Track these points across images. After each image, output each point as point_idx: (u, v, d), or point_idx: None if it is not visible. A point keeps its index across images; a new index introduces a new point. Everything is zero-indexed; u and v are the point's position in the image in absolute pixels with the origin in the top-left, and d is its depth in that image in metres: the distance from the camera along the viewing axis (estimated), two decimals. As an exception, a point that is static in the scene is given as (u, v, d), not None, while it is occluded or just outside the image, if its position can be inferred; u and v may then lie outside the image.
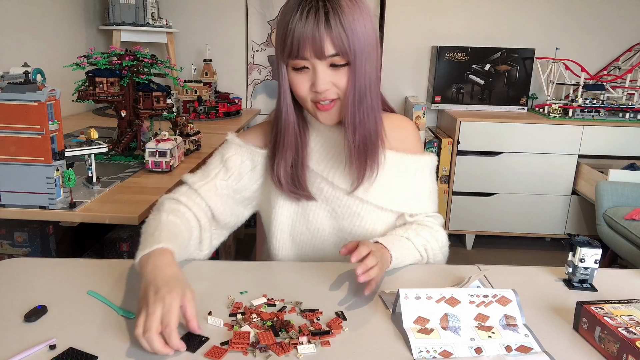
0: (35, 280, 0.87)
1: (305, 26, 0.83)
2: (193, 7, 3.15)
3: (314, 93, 0.89)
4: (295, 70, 0.89)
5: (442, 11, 3.15)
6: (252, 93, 3.28)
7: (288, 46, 0.86)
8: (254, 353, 0.68)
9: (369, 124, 0.93)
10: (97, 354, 0.67)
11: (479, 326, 0.74)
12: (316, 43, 0.84)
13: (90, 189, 1.32)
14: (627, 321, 0.71)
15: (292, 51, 0.86)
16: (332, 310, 0.80)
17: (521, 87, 3.06)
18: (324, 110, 0.91)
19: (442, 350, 0.70)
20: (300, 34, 0.84)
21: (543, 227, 2.95)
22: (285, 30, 0.85)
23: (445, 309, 0.75)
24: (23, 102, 1.09)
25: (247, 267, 0.97)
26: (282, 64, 0.90)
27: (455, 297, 0.77)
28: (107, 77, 1.57)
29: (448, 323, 0.74)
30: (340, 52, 0.85)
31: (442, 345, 0.71)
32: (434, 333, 0.72)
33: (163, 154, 1.50)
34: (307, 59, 0.86)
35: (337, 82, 0.89)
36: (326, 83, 0.88)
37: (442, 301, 0.76)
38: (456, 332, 0.73)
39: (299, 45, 0.84)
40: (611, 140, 2.81)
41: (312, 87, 0.88)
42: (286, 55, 0.88)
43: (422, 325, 0.74)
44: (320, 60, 0.86)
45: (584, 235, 0.92)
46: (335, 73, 0.88)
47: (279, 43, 0.88)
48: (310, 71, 0.88)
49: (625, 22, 3.12)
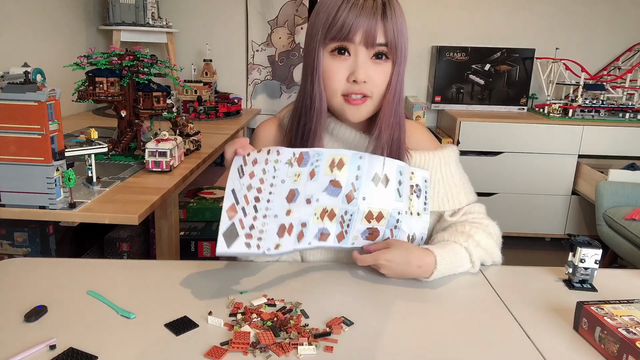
0: (35, 280, 0.87)
1: (362, 11, 0.83)
2: (193, 7, 3.15)
3: (349, 84, 0.87)
4: (333, 56, 0.87)
5: (442, 11, 3.15)
6: (252, 93, 3.28)
7: (337, 27, 0.84)
8: (254, 353, 0.68)
9: (401, 126, 0.92)
10: (97, 354, 0.67)
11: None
12: (370, 29, 0.83)
13: (90, 189, 1.32)
14: (627, 321, 0.71)
15: (342, 33, 0.84)
16: (333, 310, 0.80)
17: (521, 87, 3.06)
18: (355, 104, 0.89)
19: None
20: (355, 17, 0.83)
21: (543, 227, 2.95)
22: (336, 11, 0.84)
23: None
24: (23, 102, 1.09)
25: (247, 267, 0.97)
26: (319, 49, 0.87)
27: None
28: (107, 77, 1.57)
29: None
30: (389, 44, 0.86)
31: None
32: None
33: (163, 154, 1.50)
34: (354, 44, 0.85)
35: (375, 77, 0.87)
36: (366, 74, 0.86)
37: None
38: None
39: (351, 27, 0.83)
40: (611, 140, 2.81)
41: (351, 76, 0.87)
42: (331, 37, 0.85)
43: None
44: (367, 48, 0.86)
45: (584, 235, 0.92)
46: (375, 67, 0.87)
47: (322, 22, 0.86)
48: (351, 59, 0.87)
49: (625, 22, 3.12)
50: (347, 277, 0.93)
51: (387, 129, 0.90)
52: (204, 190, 2.44)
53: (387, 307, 0.82)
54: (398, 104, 0.90)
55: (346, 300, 0.84)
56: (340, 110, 0.91)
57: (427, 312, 0.81)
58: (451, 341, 0.73)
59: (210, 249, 2.11)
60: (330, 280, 0.91)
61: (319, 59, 0.87)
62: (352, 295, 0.86)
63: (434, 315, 0.80)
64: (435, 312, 0.81)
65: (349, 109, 0.89)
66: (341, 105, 0.90)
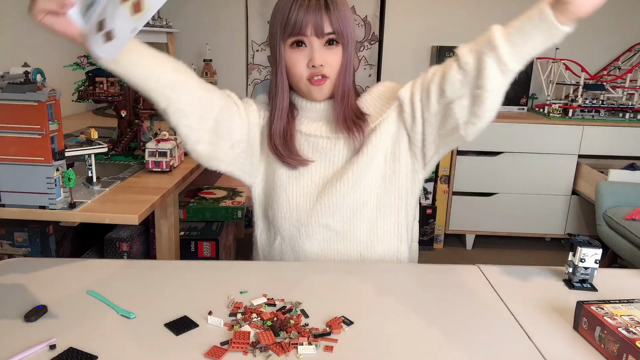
0: (35, 280, 0.87)
1: (308, 9, 0.98)
2: (193, 7, 3.15)
3: (310, 69, 1.02)
4: (293, 49, 1.01)
5: (442, 11, 3.15)
6: (252, 93, 3.28)
7: (291, 25, 0.99)
8: (254, 353, 0.68)
9: (350, 94, 1.06)
10: (97, 354, 0.67)
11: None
12: (317, 22, 0.98)
13: (90, 189, 1.32)
14: (627, 321, 0.71)
15: (295, 29, 0.99)
16: (333, 310, 0.80)
17: (521, 87, 3.06)
18: (317, 84, 1.03)
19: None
20: (304, 14, 0.98)
21: (543, 227, 2.95)
22: (288, 12, 0.99)
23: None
24: (23, 102, 1.09)
25: (247, 267, 0.97)
26: (280, 44, 1.02)
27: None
28: (107, 77, 1.57)
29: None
30: (336, 32, 1.00)
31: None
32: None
33: (163, 154, 1.50)
34: (307, 36, 0.99)
35: (329, 59, 1.02)
36: (321, 59, 1.00)
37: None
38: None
39: (302, 23, 0.98)
40: (611, 140, 2.81)
41: (310, 62, 1.01)
42: (287, 34, 1.00)
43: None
44: (318, 38, 1.00)
45: (584, 235, 0.92)
46: (328, 52, 1.01)
47: (279, 23, 1.01)
48: (307, 49, 1.01)
49: (625, 22, 3.12)
50: (347, 277, 0.93)
51: (339, 100, 1.05)
52: (204, 190, 2.44)
53: (387, 307, 0.82)
54: (348, 78, 1.06)
55: (346, 300, 0.84)
56: (307, 92, 1.05)
57: (427, 312, 0.81)
58: (451, 341, 0.73)
59: (210, 249, 2.11)
60: (330, 280, 0.91)
61: (281, 53, 1.03)
62: (352, 295, 0.86)
63: (434, 315, 0.80)
64: (435, 312, 0.81)
65: (314, 89, 1.04)
66: (307, 88, 1.04)
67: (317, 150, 1.07)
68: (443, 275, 0.95)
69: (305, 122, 1.09)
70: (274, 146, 1.06)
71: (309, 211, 1.06)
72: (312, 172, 1.08)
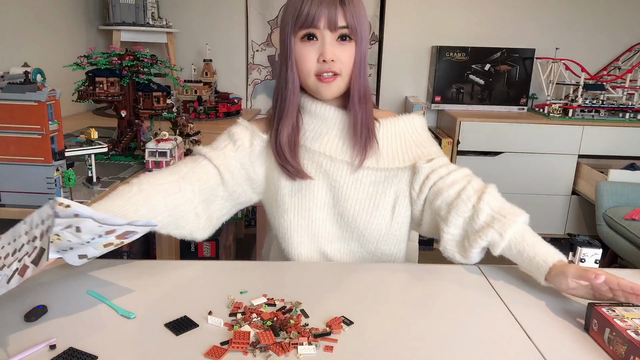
0: (35, 280, 0.87)
1: (322, 1, 0.95)
2: (193, 7, 3.15)
3: (320, 64, 0.98)
4: (303, 42, 0.98)
5: (442, 11, 3.15)
6: (252, 93, 3.28)
7: (303, 16, 0.95)
8: (254, 353, 0.68)
9: (367, 98, 1.03)
10: (97, 354, 0.67)
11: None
12: (331, 15, 0.95)
13: (90, 189, 1.32)
14: (637, 324, 0.70)
15: (307, 21, 0.95)
16: (333, 310, 0.80)
17: (521, 87, 3.06)
18: (327, 82, 0.99)
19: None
20: (317, 6, 0.95)
21: (543, 227, 2.95)
22: (302, 3, 0.96)
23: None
24: (23, 102, 1.09)
25: (247, 267, 0.97)
26: (290, 37, 0.98)
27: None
28: (107, 77, 1.57)
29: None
30: (349, 27, 0.96)
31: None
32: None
33: (163, 154, 1.50)
34: (319, 29, 0.96)
35: (341, 55, 0.98)
36: (333, 53, 0.97)
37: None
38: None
39: (315, 15, 0.95)
40: (611, 140, 2.82)
41: (320, 56, 0.97)
42: (299, 26, 0.96)
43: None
44: (331, 32, 0.96)
45: (584, 235, 0.91)
46: (340, 48, 0.98)
47: (291, 15, 0.97)
48: (319, 43, 0.97)
49: (625, 22, 3.13)
50: (347, 277, 0.93)
51: (357, 102, 1.01)
52: (204, 190, 2.43)
53: (387, 307, 0.82)
54: (364, 78, 1.02)
55: (346, 300, 0.84)
56: (315, 89, 1.01)
57: (427, 312, 0.81)
58: (451, 341, 0.73)
59: (210, 249, 2.11)
60: (330, 280, 0.91)
61: (292, 46, 0.99)
62: (352, 295, 0.86)
63: (434, 315, 0.80)
64: (435, 312, 0.81)
65: (322, 87, 0.99)
66: (315, 85, 1.00)
67: (319, 170, 1.04)
68: (443, 275, 0.95)
69: (310, 136, 1.05)
70: (279, 147, 1.02)
71: (311, 237, 1.06)
72: (314, 192, 1.04)
